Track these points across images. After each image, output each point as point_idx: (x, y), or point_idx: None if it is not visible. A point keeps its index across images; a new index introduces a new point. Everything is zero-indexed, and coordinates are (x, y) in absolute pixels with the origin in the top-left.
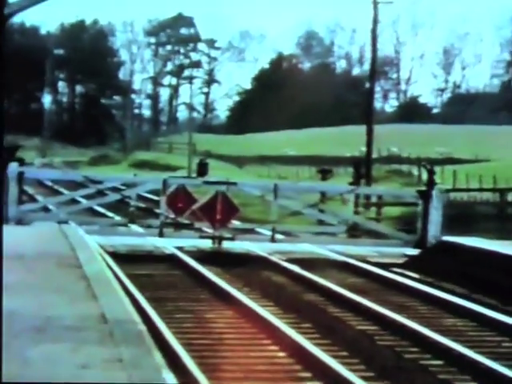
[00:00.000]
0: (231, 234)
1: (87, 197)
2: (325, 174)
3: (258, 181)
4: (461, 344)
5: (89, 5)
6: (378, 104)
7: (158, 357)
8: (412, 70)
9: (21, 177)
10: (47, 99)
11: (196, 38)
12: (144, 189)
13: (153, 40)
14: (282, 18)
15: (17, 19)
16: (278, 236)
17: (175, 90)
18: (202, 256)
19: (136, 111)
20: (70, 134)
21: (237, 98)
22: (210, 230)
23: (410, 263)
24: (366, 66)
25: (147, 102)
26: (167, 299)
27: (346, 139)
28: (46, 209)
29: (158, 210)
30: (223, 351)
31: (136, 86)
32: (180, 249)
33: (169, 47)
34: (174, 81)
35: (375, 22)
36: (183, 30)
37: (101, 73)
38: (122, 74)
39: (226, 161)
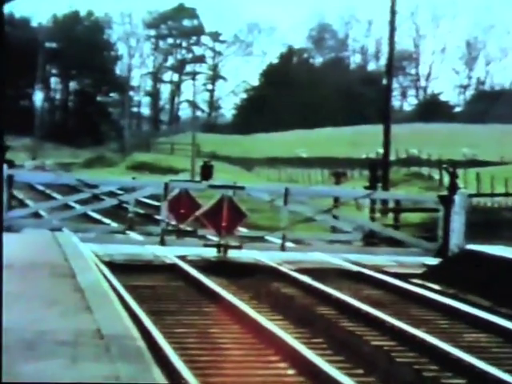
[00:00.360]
0: (238, 242)
1: (82, 202)
2: (338, 178)
3: (268, 184)
4: (485, 361)
5: None
6: (395, 102)
7: (157, 374)
8: (432, 66)
9: (10, 180)
10: (39, 96)
11: (199, 31)
12: (143, 193)
13: (153, 33)
14: (292, 9)
15: (6, 10)
16: (289, 244)
17: (177, 87)
18: (206, 266)
19: (135, 109)
20: (63, 134)
21: (244, 96)
22: (214, 238)
23: (431, 273)
24: (383, 61)
25: (147, 100)
26: (168, 312)
27: (362, 140)
28: (37, 215)
29: (158, 217)
30: (228, 369)
31: (134, 82)
32: (182, 258)
33: (170, 40)
34: (175, 77)
35: (393, 13)
36: (185, 22)
37: (96, 68)
38: (120, 70)
39: (233, 163)
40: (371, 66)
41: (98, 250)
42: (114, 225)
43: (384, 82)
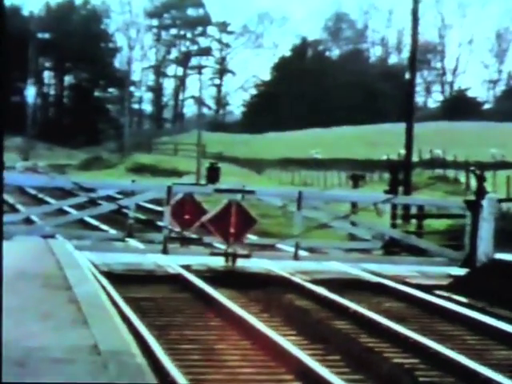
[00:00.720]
0: (247, 251)
1: (77, 207)
2: (357, 181)
3: (280, 188)
4: None
5: None
6: (419, 98)
7: None
8: (459, 59)
9: None
10: (31, 91)
11: (205, 21)
12: (144, 198)
13: (155, 22)
14: None
15: None
16: (302, 253)
17: (181, 82)
18: (212, 276)
19: (135, 106)
20: (57, 133)
21: (254, 91)
22: (222, 246)
23: (457, 285)
24: (405, 54)
25: (148, 96)
26: (171, 327)
27: (382, 139)
28: (28, 221)
29: (160, 223)
30: None
31: (135, 76)
32: (187, 268)
33: (173, 31)
34: (179, 71)
35: (416, 1)
36: (190, 11)
37: (93, 61)
38: (119, 63)
39: (242, 165)
40: (392, 60)
41: (95, 259)
42: (113, 232)
43: (406, 76)
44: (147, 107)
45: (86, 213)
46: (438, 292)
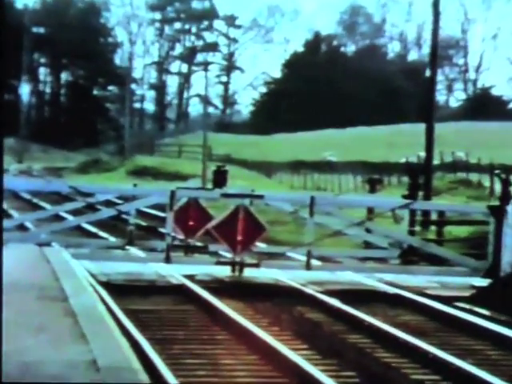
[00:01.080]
0: (255, 260)
1: (75, 212)
2: (373, 185)
3: (290, 193)
4: None
5: None
6: (440, 97)
7: None
8: (483, 55)
9: None
10: (25, 89)
11: (212, 14)
12: (146, 203)
13: (157, 16)
14: None
15: None
16: (315, 262)
17: (186, 79)
18: (218, 287)
19: (136, 105)
20: (53, 134)
21: (263, 90)
22: (228, 255)
23: (479, 297)
24: (426, 50)
25: (151, 94)
26: (175, 341)
27: (401, 141)
28: (23, 227)
29: (163, 230)
30: None
31: (137, 73)
32: (191, 278)
33: (178, 25)
34: (184, 67)
35: None
36: (195, 4)
37: (92, 57)
38: (119, 59)
39: (251, 168)
40: (412, 56)
41: (93, 269)
42: (112, 239)
43: (427, 73)
44: (149, 106)
45: (83, 219)
46: (458, 304)
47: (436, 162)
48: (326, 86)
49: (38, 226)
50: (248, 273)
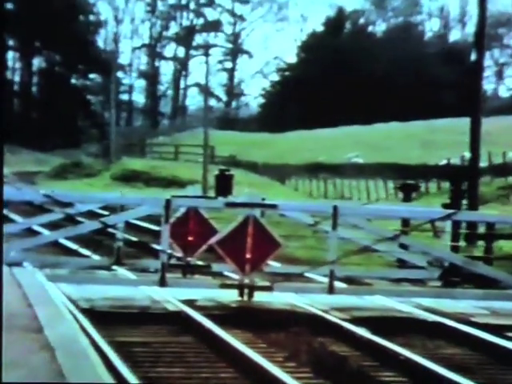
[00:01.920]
0: (268, 282)
1: (51, 226)
2: (408, 192)
3: (309, 202)
4: None
5: None
6: (488, 85)
7: None
8: None
9: None
10: None
11: None
12: (136, 214)
13: None
14: None
15: None
16: (339, 284)
17: (183, 66)
18: (223, 314)
19: (124, 97)
20: (24, 132)
21: (275, 78)
22: (235, 276)
23: None
24: (471, 28)
25: (141, 84)
26: (171, 380)
27: (440, 139)
28: None
29: (157, 246)
30: None
31: (124, 58)
32: (190, 304)
33: (172, 0)
34: (180, 51)
35: None
36: None
37: (70, 39)
38: (103, 41)
39: (261, 172)
40: (454, 36)
41: (73, 293)
42: (96, 258)
43: (472, 57)
44: (139, 99)
45: (61, 234)
46: (511, 334)
47: (483, 164)
48: (351, 73)
49: (7, 243)
50: (259, 297)
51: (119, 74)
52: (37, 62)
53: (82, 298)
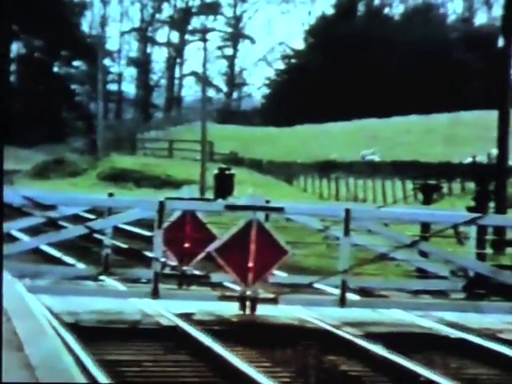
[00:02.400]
0: (273, 294)
1: (31, 231)
2: (429, 194)
3: (319, 204)
4: None
5: None
6: None
7: None
8: None
9: None
10: None
11: None
12: (127, 218)
13: None
14: None
15: None
16: (352, 296)
17: (178, 52)
18: (223, 330)
19: (113, 87)
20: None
21: (281, 66)
22: (237, 287)
23: None
24: (498, 11)
25: (131, 72)
26: None
27: (464, 134)
28: None
29: (149, 254)
30: None
31: (112, 44)
32: (187, 317)
33: None
34: (175, 36)
35: None
36: None
37: (52, 22)
38: (88, 25)
39: (265, 170)
40: (480, 19)
41: (56, 306)
42: (81, 266)
43: (499, 43)
44: (129, 89)
45: (43, 240)
46: None
47: None
48: (365, 60)
49: None
50: (262, 311)
51: (107, 61)
52: (15, 48)
53: (65, 312)
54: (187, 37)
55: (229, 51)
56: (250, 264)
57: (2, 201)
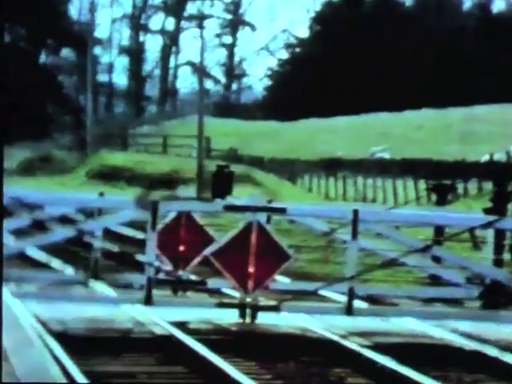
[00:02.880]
0: (275, 301)
1: (16, 233)
2: (443, 194)
3: (324, 205)
4: None
5: None
6: None
7: None
8: None
9: None
10: None
11: None
12: (118, 219)
13: None
14: None
15: None
16: (359, 304)
17: (173, 41)
18: (221, 339)
19: (103, 78)
20: None
21: (284, 55)
22: (236, 294)
23: None
24: None
25: (122, 62)
26: None
27: (480, 130)
28: None
29: (142, 258)
30: None
31: (101, 32)
32: (182, 326)
33: None
34: (169, 23)
35: None
36: None
37: (37, 9)
38: (77, 11)
39: (267, 168)
40: (498, 5)
41: (43, 313)
42: (70, 271)
43: None
44: (121, 80)
45: (28, 242)
46: None
47: None
48: (374, 50)
49: None
50: (264, 319)
51: (96, 50)
52: None
53: (53, 320)
54: (183, 24)
55: (227, 39)
56: (251, 269)
57: (1, 201)
